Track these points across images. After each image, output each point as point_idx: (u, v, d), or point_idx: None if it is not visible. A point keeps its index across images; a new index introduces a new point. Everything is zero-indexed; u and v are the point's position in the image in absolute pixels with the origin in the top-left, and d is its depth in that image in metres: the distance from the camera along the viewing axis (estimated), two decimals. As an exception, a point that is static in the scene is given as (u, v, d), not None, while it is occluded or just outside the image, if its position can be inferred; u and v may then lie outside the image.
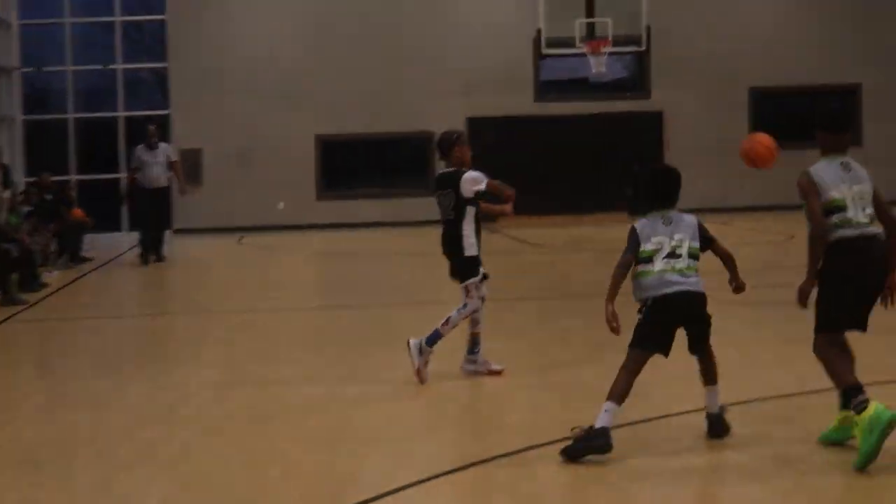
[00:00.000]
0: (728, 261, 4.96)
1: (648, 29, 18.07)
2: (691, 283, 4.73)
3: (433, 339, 6.28)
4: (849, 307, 4.49)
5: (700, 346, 4.89)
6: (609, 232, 17.21)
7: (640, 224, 4.89)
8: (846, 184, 4.49)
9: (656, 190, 5.02)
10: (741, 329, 7.41)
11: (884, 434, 4.10)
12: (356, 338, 8.21)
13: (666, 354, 4.81)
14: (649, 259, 4.78)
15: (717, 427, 4.85)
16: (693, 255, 4.80)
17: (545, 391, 6.16)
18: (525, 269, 13.52)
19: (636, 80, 19.90)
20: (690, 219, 4.92)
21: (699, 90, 19.04)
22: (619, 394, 4.62)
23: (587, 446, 4.52)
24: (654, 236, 4.79)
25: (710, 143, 18.29)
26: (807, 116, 17.07)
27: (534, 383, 6.34)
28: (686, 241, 4.79)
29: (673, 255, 4.77)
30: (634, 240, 4.85)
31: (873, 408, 4.20)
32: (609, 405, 4.60)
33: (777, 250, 14.26)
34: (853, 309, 4.50)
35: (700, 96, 19.04)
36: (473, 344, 6.42)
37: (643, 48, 18.23)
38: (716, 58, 19.04)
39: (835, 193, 4.45)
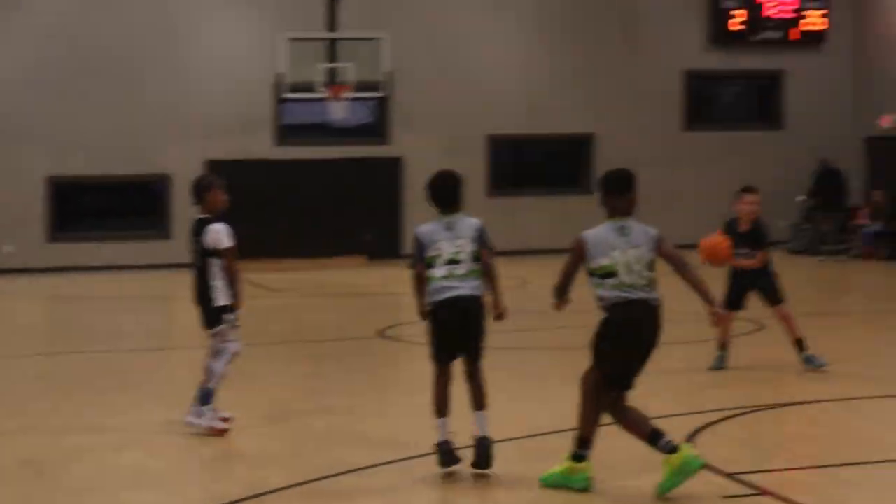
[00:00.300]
0: (493, 279, 5.83)
1: (390, 75, 20.89)
2: (468, 288, 5.60)
3: (205, 398, 6.81)
4: (619, 368, 5.37)
5: (471, 368, 5.73)
6: (348, 276, 19.33)
7: (422, 230, 5.77)
8: (619, 249, 5.37)
9: (434, 195, 5.83)
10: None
11: (688, 477, 5.15)
12: (82, 384, 8.99)
13: (446, 363, 5.73)
14: (431, 265, 5.64)
15: (482, 454, 5.62)
16: (474, 259, 5.67)
17: (275, 440, 7.04)
18: (260, 314, 14.62)
19: (377, 126, 22.50)
20: (473, 222, 5.75)
21: (439, 136, 21.88)
22: (436, 408, 5.61)
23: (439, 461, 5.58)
24: (437, 242, 5.65)
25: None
26: (541, 164, 21.36)
27: (264, 432, 7.22)
28: (467, 246, 5.66)
29: (454, 261, 5.62)
30: (418, 247, 5.72)
31: (684, 453, 5.21)
32: (437, 421, 5.62)
33: (511, 295, 17.87)
34: (623, 369, 5.37)
35: (439, 142, 21.79)
36: (205, 395, 6.87)
37: (384, 94, 21.12)
38: (455, 105, 22.12)
39: (604, 260, 5.36)
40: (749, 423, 6.35)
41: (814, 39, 23.79)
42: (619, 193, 5.50)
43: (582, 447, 5.33)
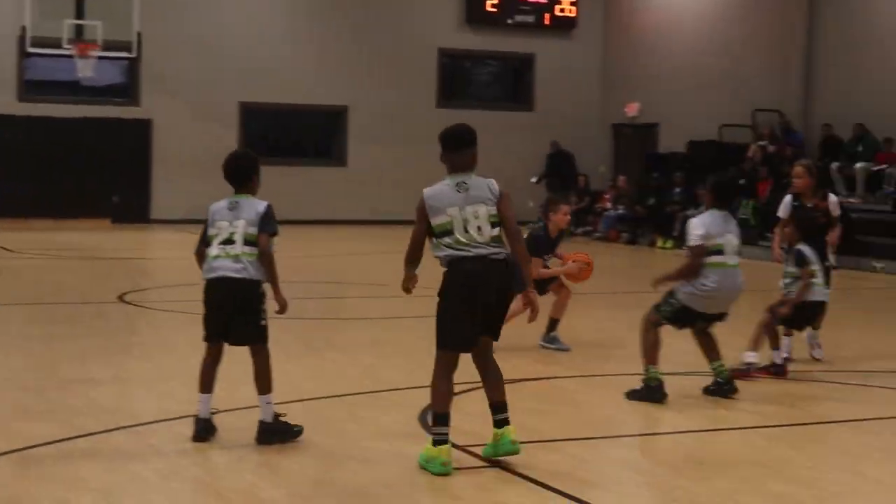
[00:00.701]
0: (267, 266, 6.74)
1: (139, 36, 24.17)
2: (235, 270, 6.54)
3: None
4: (458, 328, 6.21)
5: (252, 350, 6.68)
6: (92, 238, 21.86)
7: (210, 207, 6.80)
8: (457, 206, 6.19)
9: (224, 174, 6.91)
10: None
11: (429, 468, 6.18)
12: None
13: (212, 342, 6.66)
14: (209, 244, 6.64)
15: (266, 435, 6.61)
16: (249, 242, 6.56)
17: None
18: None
19: (126, 87, 26.01)
20: (258, 205, 6.72)
21: (190, 101, 25.91)
22: (200, 383, 6.75)
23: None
24: (217, 221, 6.66)
25: (200, 154, 25.09)
26: (295, 134, 27.52)
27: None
28: (242, 227, 6.59)
29: (229, 241, 6.62)
30: (205, 225, 6.76)
31: (439, 450, 6.18)
32: (199, 396, 6.69)
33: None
34: (462, 329, 6.21)
35: (190, 108, 25.87)
36: None
37: (133, 55, 24.40)
38: (207, 71, 26.18)
39: (442, 218, 6.19)
40: (482, 398, 7.31)
41: (565, 25, 29.95)
42: (457, 149, 6.41)
43: (439, 423, 6.31)
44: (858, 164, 24.06)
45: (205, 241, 6.78)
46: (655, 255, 24.32)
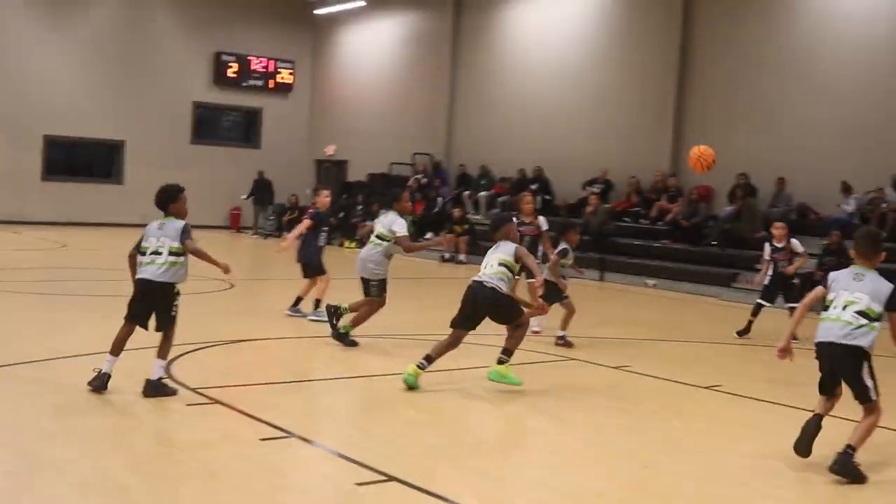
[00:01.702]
0: (203, 257, 8.29)
1: None
2: (154, 274, 8.12)
3: None
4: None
5: (159, 329, 8.26)
6: None
7: (147, 226, 8.27)
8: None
9: (155, 201, 8.37)
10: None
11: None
12: None
13: (129, 321, 8.32)
14: (143, 252, 8.22)
15: (150, 389, 8.13)
16: (173, 253, 8.08)
17: None
18: None
19: None
20: (178, 225, 8.17)
21: (4, 134, 32.16)
22: (112, 346, 8.34)
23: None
24: (150, 237, 8.21)
25: (12, 172, 32.08)
26: (86, 159, 34.48)
27: None
28: (167, 242, 8.13)
29: (156, 252, 8.10)
30: (141, 237, 8.30)
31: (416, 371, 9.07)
32: (108, 356, 8.25)
33: (55, 254, 24.12)
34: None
35: (5, 139, 32.13)
36: None
37: None
38: (16, 104, 32.22)
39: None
40: (218, 353, 9.11)
41: (284, 89, 38.06)
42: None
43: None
44: (482, 193, 29.73)
45: (139, 249, 8.34)
46: (343, 252, 27.59)
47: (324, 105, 38.74)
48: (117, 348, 8.32)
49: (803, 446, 7.29)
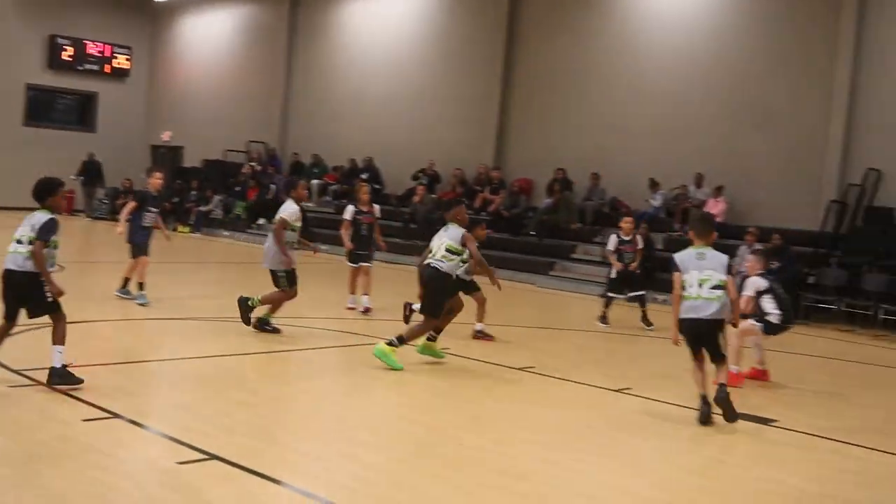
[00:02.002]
0: (37, 262, 7.90)
1: None
2: (13, 264, 7.91)
3: None
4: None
5: (48, 315, 8.04)
6: None
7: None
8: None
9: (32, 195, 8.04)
10: None
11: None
12: None
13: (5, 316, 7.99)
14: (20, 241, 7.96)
15: (53, 378, 7.91)
16: (24, 241, 7.84)
17: None
18: None
19: None
20: (39, 217, 7.93)
21: None
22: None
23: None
24: (22, 226, 8.00)
25: None
26: None
27: None
28: (28, 232, 7.91)
29: (19, 241, 7.96)
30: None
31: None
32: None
33: None
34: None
35: None
36: None
37: None
38: None
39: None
40: (43, 335, 8.49)
41: (121, 74, 37.27)
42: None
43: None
44: (314, 181, 29.71)
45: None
46: (177, 236, 26.72)
47: (161, 91, 38.32)
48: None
49: (730, 415, 8.58)
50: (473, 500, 6.34)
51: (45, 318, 8.18)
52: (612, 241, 15.47)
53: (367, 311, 14.21)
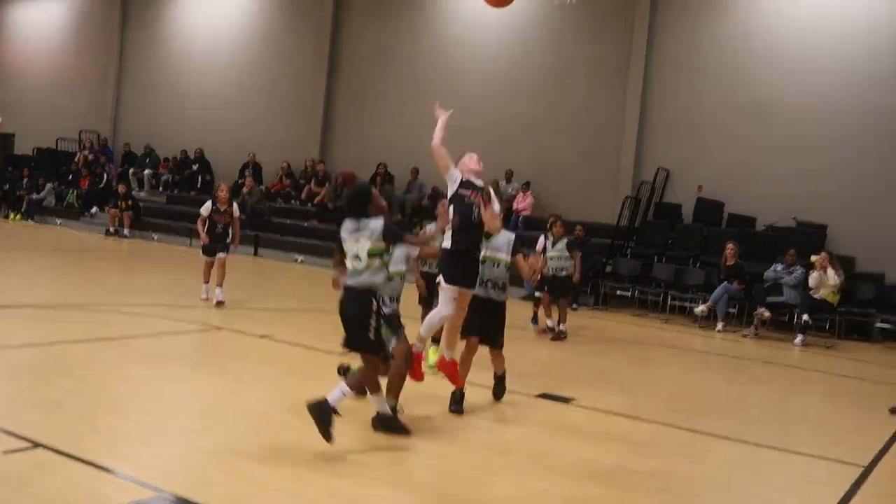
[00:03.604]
0: None
1: None
2: None
3: None
4: None
5: None
6: None
7: None
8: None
9: None
10: None
11: None
12: None
13: None
14: None
15: None
16: None
17: None
18: None
19: None
20: None
21: None
22: None
23: None
24: None
25: None
26: None
27: None
28: None
29: None
30: None
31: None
32: None
33: None
34: None
35: None
36: None
37: None
38: None
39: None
40: None
41: None
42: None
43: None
44: (146, 171, 29.45)
45: None
46: (8, 224, 28.03)
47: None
48: None
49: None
50: (295, 483, 6.16)
51: None
52: (541, 242, 14.19)
53: (219, 303, 13.43)
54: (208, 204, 13.83)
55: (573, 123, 22.67)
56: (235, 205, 13.96)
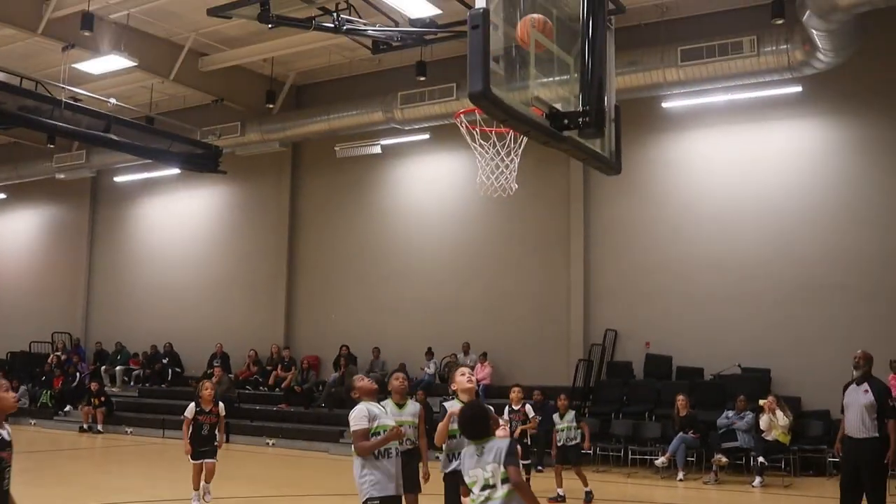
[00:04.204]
0: None
1: None
2: None
3: None
4: None
5: None
6: None
7: None
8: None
9: None
10: None
11: None
12: None
13: None
14: None
15: None
16: None
17: None
18: None
19: None
20: None
21: None
22: None
23: None
24: None
25: None
26: None
27: None
28: None
29: None
30: None
31: None
32: None
33: None
34: None
35: None
36: None
37: None
38: None
39: None
40: None
41: None
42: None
43: None
44: (118, 367, 29.17)
45: None
46: None
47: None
48: None
49: None
50: None
51: None
52: (505, 412, 14.10)
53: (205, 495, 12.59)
54: (192, 406, 12.37)
55: (523, 294, 23.08)
56: (221, 404, 12.55)
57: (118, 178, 29.40)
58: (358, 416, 7.17)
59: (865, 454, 10.13)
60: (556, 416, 14.67)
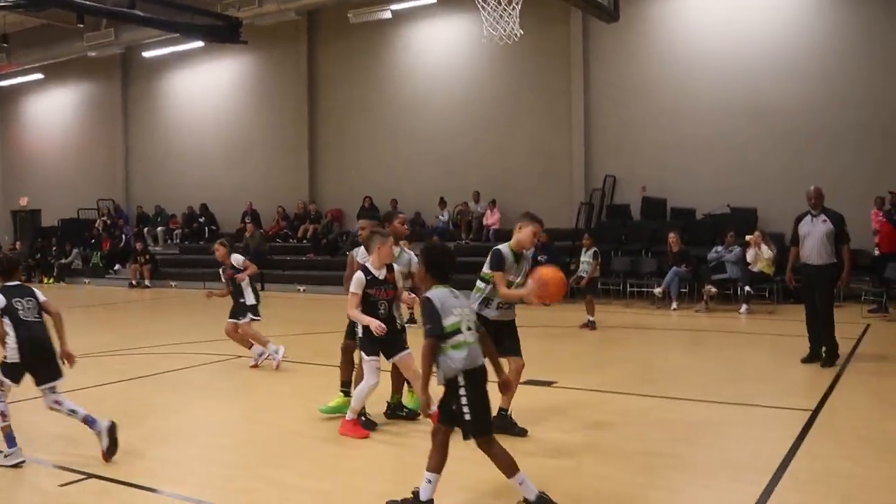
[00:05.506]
0: None
1: None
2: None
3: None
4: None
5: None
6: None
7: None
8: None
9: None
10: None
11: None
12: None
13: None
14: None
15: None
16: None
17: None
18: None
19: None
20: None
21: None
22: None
23: None
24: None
25: None
26: None
27: None
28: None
29: None
30: None
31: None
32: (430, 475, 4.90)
33: None
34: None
35: None
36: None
37: None
38: None
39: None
40: None
41: None
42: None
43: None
44: (159, 228, 29.04)
45: None
46: (42, 287, 27.82)
47: (14, 163, 35.89)
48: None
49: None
50: (315, 482, 6.13)
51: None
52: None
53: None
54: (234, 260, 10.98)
55: (529, 145, 22.87)
56: (235, 256, 10.92)
57: (146, 53, 28.79)
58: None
59: (824, 278, 10.21)
60: (583, 252, 15.07)
